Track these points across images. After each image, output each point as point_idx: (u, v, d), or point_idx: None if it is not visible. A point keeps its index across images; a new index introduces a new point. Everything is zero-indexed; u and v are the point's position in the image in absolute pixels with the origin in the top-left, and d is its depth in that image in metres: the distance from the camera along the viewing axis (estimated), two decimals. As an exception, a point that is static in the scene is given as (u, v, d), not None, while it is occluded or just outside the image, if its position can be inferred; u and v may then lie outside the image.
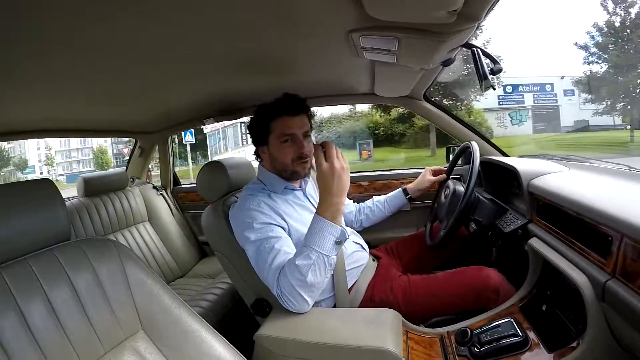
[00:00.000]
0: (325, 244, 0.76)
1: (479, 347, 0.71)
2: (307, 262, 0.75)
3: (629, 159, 3.96)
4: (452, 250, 1.18)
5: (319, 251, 0.75)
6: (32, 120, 1.29)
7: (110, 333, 0.60)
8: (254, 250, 0.84)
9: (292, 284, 0.76)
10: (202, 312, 1.26)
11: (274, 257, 0.81)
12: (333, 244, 0.76)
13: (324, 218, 0.77)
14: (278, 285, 0.78)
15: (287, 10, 0.62)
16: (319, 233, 0.76)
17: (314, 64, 1.04)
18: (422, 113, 1.48)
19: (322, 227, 0.76)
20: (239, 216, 0.89)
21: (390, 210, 1.30)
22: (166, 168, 2.04)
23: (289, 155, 0.94)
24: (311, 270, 0.75)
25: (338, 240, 0.77)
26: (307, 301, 0.78)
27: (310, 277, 0.75)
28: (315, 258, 0.75)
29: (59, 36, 0.60)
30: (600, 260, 0.59)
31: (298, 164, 0.95)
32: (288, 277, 0.76)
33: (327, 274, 0.78)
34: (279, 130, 0.93)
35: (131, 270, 0.66)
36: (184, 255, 1.82)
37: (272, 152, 0.96)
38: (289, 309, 0.79)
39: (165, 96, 1.26)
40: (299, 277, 0.75)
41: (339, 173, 0.75)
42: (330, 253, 0.76)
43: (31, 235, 0.59)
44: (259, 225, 0.85)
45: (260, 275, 0.84)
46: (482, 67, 0.79)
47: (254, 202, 0.89)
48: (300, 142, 0.94)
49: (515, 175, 0.97)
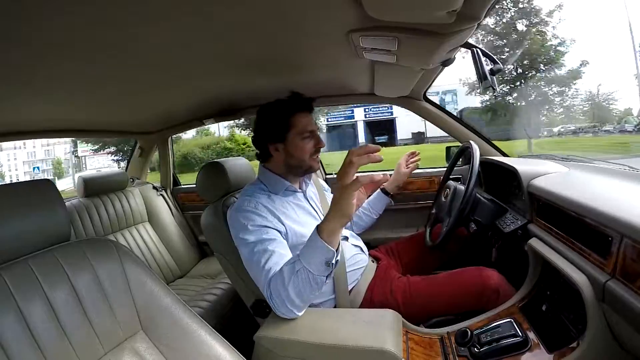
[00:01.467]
0: (312, 260, 0.71)
1: (479, 348, 0.71)
2: (291, 272, 0.73)
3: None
4: (452, 251, 1.18)
5: (305, 266, 0.71)
6: (32, 121, 1.28)
7: (110, 333, 0.60)
8: (248, 251, 0.83)
9: (278, 290, 0.74)
10: (201, 312, 1.26)
11: (267, 259, 0.80)
12: (323, 264, 0.71)
13: (319, 235, 0.71)
14: (269, 288, 0.76)
15: (287, 11, 0.62)
16: (311, 248, 0.72)
17: (313, 64, 1.04)
18: (422, 113, 1.48)
19: (315, 243, 0.71)
20: (235, 217, 0.89)
21: (377, 213, 1.29)
22: (166, 168, 2.04)
23: (308, 151, 0.94)
24: (293, 282, 0.72)
25: (328, 262, 0.71)
26: (293, 311, 0.75)
27: (292, 289, 0.72)
28: (299, 270, 0.72)
29: (59, 37, 0.60)
30: (600, 261, 0.59)
31: (314, 159, 0.96)
32: (277, 283, 0.75)
33: (312, 292, 0.74)
34: (301, 127, 0.93)
35: (131, 270, 0.66)
36: (183, 255, 1.82)
37: (289, 148, 0.95)
38: (277, 313, 0.77)
39: (165, 96, 1.26)
40: (282, 285, 0.73)
41: (341, 188, 0.68)
42: (316, 272, 0.71)
43: (31, 235, 0.59)
44: (254, 227, 0.85)
45: (253, 277, 0.83)
46: (481, 68, 0.79)
47: (251, 204, 0.89)
48: (318, 137, 0.96)
49: (515, 175, 0.97)
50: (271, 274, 0.78)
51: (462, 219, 1.04)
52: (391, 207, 1.32)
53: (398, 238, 1.33)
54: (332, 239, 0.71)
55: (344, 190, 0.67)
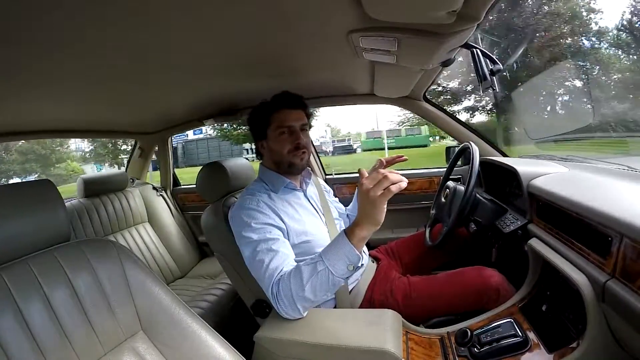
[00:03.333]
0: (337, 263, 0.72)
1: (479, 348, 0.71)
2: (312, 272, 0.73)
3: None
4: (452, 251, 1.18)
5: (328, 267, 0.72)
6: (32, 121, 1.29)
7: (110, 334, 0.60)
8: (251, 250, 0.83)
9: (290, 289, 0.74)
10: (201, 312, 1.26)
11: (271, 259, 0.80)
12: (346, 267, 0.72)
13: (347, 238, 0.72)
14: (276, 287, 0.76)
15: (287, 11, 0.62)
16: (338, 250, 0.72)
17: (313, 65, 1.04)
18: (422, 113, 1.48)
19: (343, 246, 0.72)
20: (238, 215, 0.89)
21: None
22: (166, 169, 2.04)
23: (285, 146, 0.95)
24: (312, 282, 0.72)
25: (351, 265, 0.72)
26: (299, 310, 0.75)
27: (309, 288, 0.72)
28: (321, 271, 0.72)
29: (59, 37, 0.61)
30: (599, 261, 0.59)
31: (294, 155, 0.95)
32: (290, 282, 0.74)
33: (327, 293, 0.75)
34: (277, 122, 0.95)
35: (131, 271, 0.66)
36: (183, 256, 1.82)
37: (270, 144, 0.97)
38: (280, 313, 0.77)
39: (165, 97, 1.26)
40: (298, 284, 0.73)
41: (372, 199, 0.66)
42: (338, 273, 0.72)
43: (31, 235, 0.59)
44: (257, 225, 0.85)
45: (256, 276, 0.83)
46: (481, 68, 0.80)
47: (253, 202, 0.89)
48: (296, 133, 0.95)
49: (515, 175, 0.97)
50: (277, 273, 0.77)
51: (462, 219, 1.04)
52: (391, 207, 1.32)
53: (398, 238, 1.33)
54: (360, 244, 0.72)
55: (376, 200, 0.65)
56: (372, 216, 0.68)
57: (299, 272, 0.74)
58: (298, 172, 1.00)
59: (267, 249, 0.81)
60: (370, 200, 0.66)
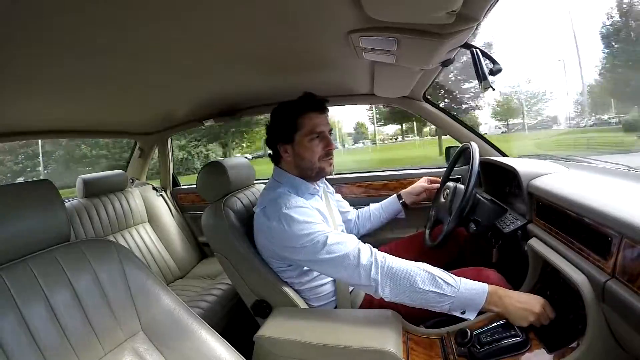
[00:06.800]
0: (464, 299, 0.74)
1: (479, 348, 0.70)
2: (433, 284, 0.75)
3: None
4: (452, 251, 1.18)
5: (449, 295, 0.74)
6: (31, 122, 1.28)
7: (110, 334, 0.60)
8: (322, 243, 0.79)
9: (395, 280, 0.76)
10: (201, 313, 1.25)
11: (346, 243, 0.80)
12: (459, 307, 0.76)
13: (489, 292, 0.75)
14: (376, 266, 0.77)
15: (287, 11, 0.62)
16: (472, 293, 0.75)
17: (313, 65, 1.04)
18: (422, 113, 1.48)
19: (479, 295, 0.75)
20: (289, 217, 0.83)
21: (386, 217, 1.31)
22: (166, 169, 2.04)
23: (317, 153, 0.93)
24: (422, 293, 0.75)
25: (463, 312, 0.76)
26: (382, 285, 0.77)
27: (413, 295, 0.75)
28: (442, 294, 0.74)
29: (59, 38, 0.61)
30: (599, 261, 0.59)
31: (324, 161, 0.94)
32: (398, 275, 0.76)
33: (403, 299, 0.77)
34: (309, 127, 0.92)
35: (131, 271, 0.66)
36: (183, 256, 1.82)
37: (298, 149, 0.94)
38: (369, 289, 0.78)
39: (165, 96, 1.26)
40: (408, 282, 0.75)
41: (530, 315, 0.71)
42: (439, 305, 0.75)
43: (31, 236, 0.59)
44: (315, 220, 0.83)
45: (335, 264, 0.79)
46: (481, 68, 0.80)
47: (292, 200, 0.85)
48: (328, 138, 0.94)
49: (514, 175, 0.97)
50: (373, 254, 0.78)
51: (462, 219, 1.04)
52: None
53: (398, 238, 1.33)
54: (490, 307, 0.75)
55: (530, 317, 0.71)
56: (527, 308, 0.72)
57: (418, 274, 0.76)
58: (323, 177, 0.99)
59: (339, 239, 0.81)
60: (528, 314, 0.71)
